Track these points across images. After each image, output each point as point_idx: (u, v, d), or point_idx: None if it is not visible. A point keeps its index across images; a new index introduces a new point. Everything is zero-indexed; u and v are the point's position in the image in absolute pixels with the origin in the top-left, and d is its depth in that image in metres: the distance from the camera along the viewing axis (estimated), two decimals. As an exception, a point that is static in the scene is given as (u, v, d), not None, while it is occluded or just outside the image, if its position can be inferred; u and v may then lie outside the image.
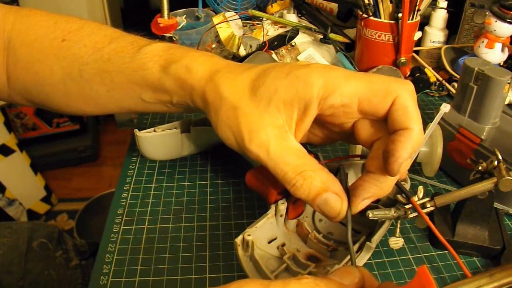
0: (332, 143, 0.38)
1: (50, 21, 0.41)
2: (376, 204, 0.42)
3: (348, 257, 0.35)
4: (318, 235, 0.39)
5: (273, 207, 0.39)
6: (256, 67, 0.35)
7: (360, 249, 0.37)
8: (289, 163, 0.31)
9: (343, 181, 0.35)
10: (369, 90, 0.31)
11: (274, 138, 0.32)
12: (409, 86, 0.32)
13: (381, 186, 0.33)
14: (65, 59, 0.40)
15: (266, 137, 0.32)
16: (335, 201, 0.31)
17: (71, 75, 0.40)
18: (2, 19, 0.41)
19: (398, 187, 0.38)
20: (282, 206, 0.39)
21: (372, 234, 0.38)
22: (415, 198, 0.38)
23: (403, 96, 0.31)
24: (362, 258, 0.37)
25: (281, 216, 0.39)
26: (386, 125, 0.32)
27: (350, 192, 0.33)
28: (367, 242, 0.37)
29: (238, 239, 0.35)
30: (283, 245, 0.39)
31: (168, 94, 0.38)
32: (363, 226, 0.41)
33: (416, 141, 0.31)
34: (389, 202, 0.42)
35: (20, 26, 0.41)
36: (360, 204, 0.33)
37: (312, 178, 0.31)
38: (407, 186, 0.43)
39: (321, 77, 0.31)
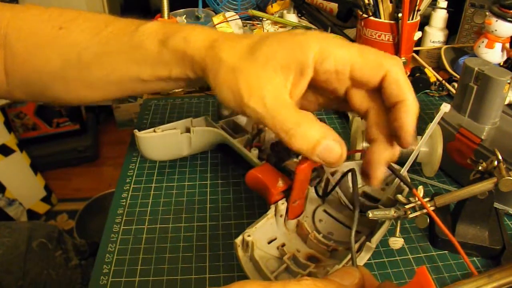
0: (326, 109, 0.40)
1: (45, 14, 0.42)
2: (376, 204, 0.42)
3: (348, 257, 0.35)
4: (318, 235, 0.39)
5: (273, 207, 0.39)
6: (254, 35, 0.37)
7: (360, 249, 0.37)
8: (286, 115, 0.33)
9: (354, 182, 0.34)
10: (362, 59, 0.33)
11: (272, 94, 0.33)
12: (398, 61, 0.34)
13: (392, 151, 0.35)
14: (62, 47, 0.40)
15: (264, 92, 0.33)
16: (335, 146, 0.32)
17: (70, 61, 0.40)
18: None
19: (400, 178, 0.38)
20: (282, 206, 0.39)
21: (372, 234, 0.38)
22: (415, 198, 0.38)
23: (394, 70, 0.33)
24: (362, 258, 0.37)
25: (281, 216, 0.39)
26: (378, 95, 0.35)
27: (364, 167, 0.34)
28: (367, 242, 0.36)
29: (238, 240, 0.35)
30: (283, 245, 0.39)
31: (167, 68, 0.39)
32: (363, 226, 0.41)
33: (414, 109, 0.33)
34: (389, 202, 0.42)
35: (16, 21, 0.42)
36: (379, 173, 0.35)
37: (310, 128, 0.32)
38: (403, 186, 0.43)
39: (318, 43, 0.33)
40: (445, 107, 0.40)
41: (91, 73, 0.41)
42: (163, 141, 0.50)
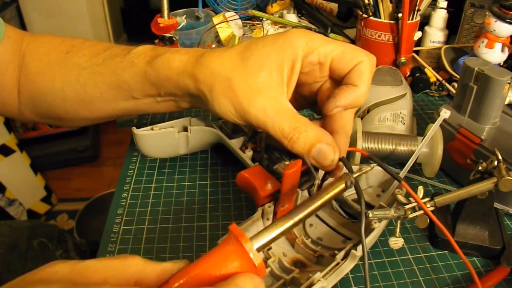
0: (301, 109, 0.43)
1: (58, 40, 0.46)
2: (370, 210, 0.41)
3: (333, 264, 0.34)
4: (306, 240, 0.39)
5: (259, 210, 0.38)
6: (238, 44, 0.39)
7: (345, 257, 0.36)
8: (285, 120, 0.35)
9: (360, 193, 0.34)
10: (341, 52, 0.36)
11: (270, 100, 0.35)
12: (373, 58, 0.37)
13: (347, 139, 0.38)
14: (66, 68, 0.43)
15: (263, 99, 0.35)
16: (328, 150, 0.35)
17: (69, 81, 0.43)
18: (20, 39, 0.45)
19: (388, 171, 0.37)
20: (269, 209, 0.38)
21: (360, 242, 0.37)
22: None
23: (365, 63, 0.36)
24: (347, 267, 0.35)
25: (267, 219, 0.39)
26: None
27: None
28: (352, 250, 0.35)
29: (221, 241, 0.35)
30: (269, 248, 0.38)
31: (155, 87, 0.41)
32: (355, 233, 0.41)
33: (358, 97, 0.36)
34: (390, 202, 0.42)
35: (33, 44, 0.45)
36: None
37: (306, 132, 0.35)
38: (402, 192, 0.42)
39: (304, 39, 0.36)
40: (445, 114, 0.40)
41: (87, 92, 0.43)
42: (160, 139, 0.51)
